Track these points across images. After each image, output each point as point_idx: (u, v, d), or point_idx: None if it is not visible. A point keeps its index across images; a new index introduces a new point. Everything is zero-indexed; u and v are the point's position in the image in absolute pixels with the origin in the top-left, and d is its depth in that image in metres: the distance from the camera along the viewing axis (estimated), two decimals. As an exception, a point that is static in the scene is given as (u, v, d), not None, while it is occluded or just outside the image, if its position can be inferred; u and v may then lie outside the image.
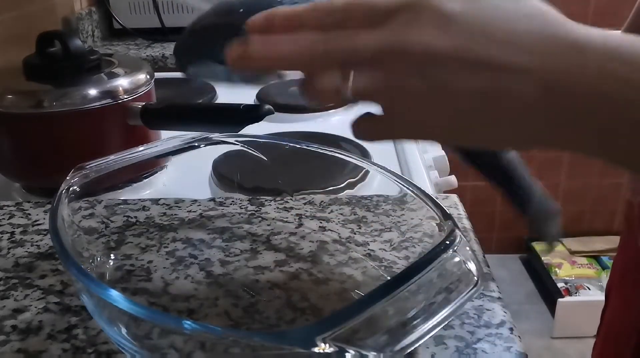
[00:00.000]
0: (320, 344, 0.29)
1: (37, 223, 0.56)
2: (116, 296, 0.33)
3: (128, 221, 0.56)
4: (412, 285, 0.32)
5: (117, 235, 0.53)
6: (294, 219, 0.55)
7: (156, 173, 0.73)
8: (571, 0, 1.27)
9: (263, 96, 0.98)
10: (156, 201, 0.59)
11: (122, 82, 0.67)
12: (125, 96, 0.67)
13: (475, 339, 0.40)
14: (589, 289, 2.00)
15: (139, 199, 0.60)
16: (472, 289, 0.34)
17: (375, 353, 0.30)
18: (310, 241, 0.52)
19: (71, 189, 0.47)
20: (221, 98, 1.01)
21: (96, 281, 0.34)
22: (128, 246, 0.51)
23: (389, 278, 0.46)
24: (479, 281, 0.34)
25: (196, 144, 0.56)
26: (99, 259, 0.50)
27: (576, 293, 1.99)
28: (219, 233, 0.53)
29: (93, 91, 0.65)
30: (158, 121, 0.68)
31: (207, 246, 0.51)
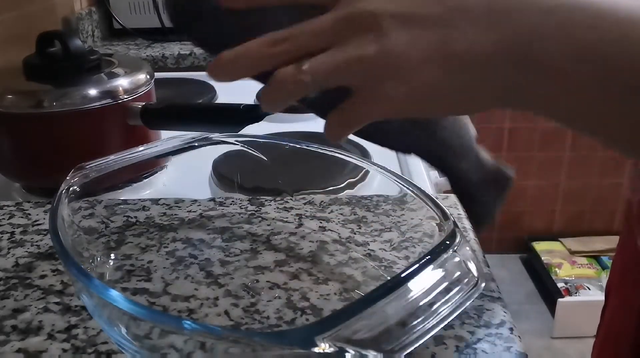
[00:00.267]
0: (320, 344, 0.29)
1: (37, 223, 0.56)
2: (116, 296, 0.33)
3: (128, 221, 0.56)
4: (412, 285, 0.33)
5: (117, 235, 0.53)
6: (294, 219, 0.55)
7: (156, 173, 0.73)
8: None
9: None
10: (156, 201, 0.59)
11: (122, 82, 0.67)
12: (125, 96, 0.67)
13: (475, 339, 0.40)
14: (589, 289, 2.00)
15: (139, 199, 0.60)
16: (472, 289, 0.34)
17: (375, 353, 0.30)
18: (310, 241, 0.52)
19: (71, 189, 0.47)
20: (221, 98, 1.01)
21: (96, 281, 0.34)
22: (128, 246, 0.51)
23: (389, 278, 0.46)
24: (479, 281, 0.34)
25: (196, 144, 0.56)
26: (99, 259, 0.50)
27: (576, 293, 1.99)
28: (219, 233, 0.53)
29: (93, 91, 0.65)
30: (158, 121, 0.68)
31: (207, 246, 0.51)
